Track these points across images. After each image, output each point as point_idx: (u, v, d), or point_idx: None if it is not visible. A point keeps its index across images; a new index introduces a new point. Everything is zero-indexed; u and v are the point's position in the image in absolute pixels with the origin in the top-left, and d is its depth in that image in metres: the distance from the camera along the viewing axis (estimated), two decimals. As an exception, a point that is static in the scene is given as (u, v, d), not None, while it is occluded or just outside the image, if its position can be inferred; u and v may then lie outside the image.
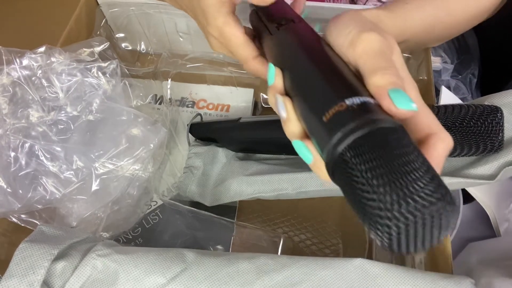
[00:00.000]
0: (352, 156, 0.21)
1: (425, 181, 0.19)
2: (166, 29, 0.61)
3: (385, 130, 0.21)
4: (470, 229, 0.58)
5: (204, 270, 0.35)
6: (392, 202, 0.18)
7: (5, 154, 0.42)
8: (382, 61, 0.25)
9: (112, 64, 0.47)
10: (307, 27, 0.33)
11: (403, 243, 0.19)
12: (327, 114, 0.23)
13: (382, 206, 0.18)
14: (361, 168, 0.20)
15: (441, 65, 0.66)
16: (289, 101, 0.28)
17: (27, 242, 0.34)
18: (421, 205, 0.18)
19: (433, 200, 0.18)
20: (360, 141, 0.21)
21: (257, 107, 0.60)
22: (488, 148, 0.36)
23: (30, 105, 0.43)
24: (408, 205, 0.18)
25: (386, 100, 0.23)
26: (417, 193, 0.18)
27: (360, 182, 0.20)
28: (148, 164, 0.47)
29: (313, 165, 0.27)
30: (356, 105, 0.22)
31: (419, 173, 0.19)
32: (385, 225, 0.18)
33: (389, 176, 0.19)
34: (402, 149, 0.20)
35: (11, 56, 0.44)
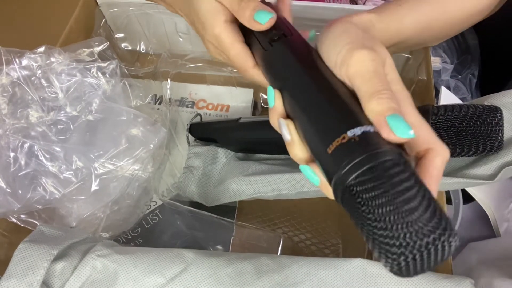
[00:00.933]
0: (359, 191, 0.22)
1: (429, 217, 0.21)
2: (165, 29, 0.61)
3: (387, 162, 0.22)
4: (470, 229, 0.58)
5: (203, 270, 0.35)
6: (400, 240, 0.20)
7: (5, 154, 0.42)
8: (377, 84, 0.25)
9: (112, 64, 0.47)
10: (302, 42, 0.32)
11: (411, 270, 0.21)
12: (331, 146, 0.24)
13: (391, 242, 0.20)
14: (369, 203, 0.22)
15: (441, 65, 0.66)
16: (292, 125, 0.28)
17: (26, 242, 0.34)
18: (426, 242, 0.20)
19: (436, 236, 0.20)
20: (365, 176, 0.22)
21: (257, 107, 0.60)
22: (487, 148, 0.36)
23: (30, 105, 0.43)
24: (415, 243, 0.20)
25: (385, 129, 0.24)
26: (422, 231, 0.20)
27: (369, 216, 0.22)
28: (147, 164, 0.47)
29: (321, 186, 0.27)
30: (358, 137, 0.23)
31: (421, 210, 0.21)
32: (395, 259, 0.20)
33: (395, 215, 0.21)
34: (405, 183, 0.21)
35: (11, 56, 0.44)
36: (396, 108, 0.24)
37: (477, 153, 0.37)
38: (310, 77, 0.29)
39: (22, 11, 0.65)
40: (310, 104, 0.27)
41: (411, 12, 0.36)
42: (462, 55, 0.70)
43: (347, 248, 0.49)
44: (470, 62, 0.69)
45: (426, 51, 0.51)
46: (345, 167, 0.23)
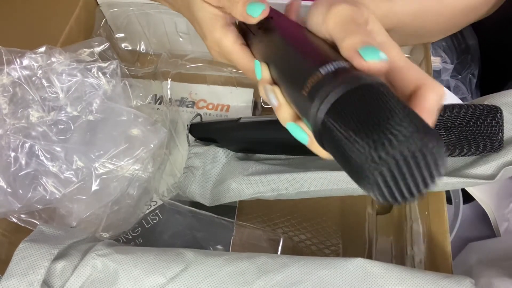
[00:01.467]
0: (333, 120, 0.21)
1: (398, 119, 0.18)
2: (166, 29, 0.61)
3: (360, 88, 0.21)
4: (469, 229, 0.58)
5: (204, 270, 0.35)
6: (370, 150, 0.18)
7: (5, 154, 0.42)
8: (352, 26, 0.26)
9: (112, 64, 0.47)
10: (286, 19, 0.33)
11: (394, 190, 0.18)
12: (306, 88, 0.23)
13: (364, 158, 0.18)
14: (343, 128, 0.20)
15: (441, 65, 0.66)
16: (277, 88, 0.29)
17: (27, 242, 0.34)
18: (396, 142, 0.17)
19: (407, 133, 0.17)
20: (338, 105, 0.21)
21: (257, 107, 0.60)
22: (487, 148, 0.36)
23: (30, 105, 0.44)
24: (384, 146, 0.17)
25: (356, 58, 0.23)
26: (390, 132, 0.18)
27: (344, 143, 0.20)
28: (148, 164, 0.47)
29: (309, 144, 0.27)
30: (330, 72, 0.23)
31: (394, 115, 0.18)
32: (371, 177, 0.18)
33: (366, 128, 0.18)
34: (379, 101, 0.20)
35: (11, 56, 0.44)
36: (368, 41, 0.24)
37: (477, 153, 0.38)
38: (290, 39, 0.29)
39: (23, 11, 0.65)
40: (287, 58, 0.28)
41: None
42: (462, 55, 0.70)
43: (347, 248, 0.49)
44: (470, 62, 0.69)
45: (426, 51, 0.51)
46: (318, 100, 0.22)
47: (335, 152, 0.22)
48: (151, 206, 0.51)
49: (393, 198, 0.19)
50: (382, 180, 0.18)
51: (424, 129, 0.18)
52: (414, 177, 0.18)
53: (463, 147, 0.37)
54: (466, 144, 0.37)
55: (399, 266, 0.35)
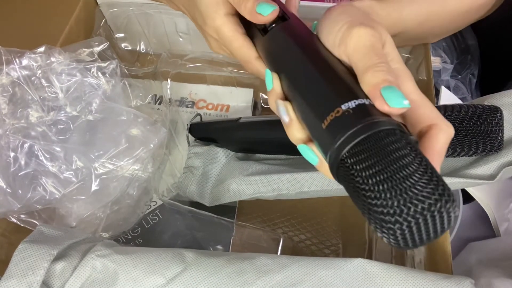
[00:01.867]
0: (353, 163, 0.21)
1: (423, 183, 0.19)
2: (165, 29, 0.61)
3: (381, 132, 0.21)
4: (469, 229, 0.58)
5: (203, 270, 0.35)
6: (394, 207, 0.19)
7: (5, 154, 0.42)
8: (374, 57, 0.25)
9: (112, 64, 0.47)
10: (300, 25, 0.32)
11: (408, 241, 0.20)
12: (325, 121, 0.24)
13: (385, 211, 0.19)
14: (362, 174, 0.21)
15: (441, 65, 0.66)
16: (290, 106, 0.28)
17: (26, 242, 0.34)
18: (421, 208, 0.19)
19: (432, 201, 0.19)
20: (358, 148, 0.21)
21: (257, 107, 0.60)
22: (487, 148, 0.36)
23: (30, 105, 0.43)
24: (409, 209, 0.19)
25: (379, 100, 0.23)
26: (416, 197, 0.19)
27: (363, 188, 0.21)
28: (147, 164, 0.47)
29: (319, 166, 0.27)
30: (352, 110, 0.23)
31: (417, 175, 0.20)
32: (390, 229, 0.19)
33: (389, 182, 0.20)
34: (400, 152, 0.21)
35: (11, 56, 0.44)
36: (391, 81, 0.24)
37: (477, 153, 0.37)
38: (305, 56, 0.28)
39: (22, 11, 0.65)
40: (305, 82, 0.27)
41: (412, 2, 0.36)
42: (461, 55, 0.70)
43: (347, 248, 0.49)
44: (469, 62, 0.69)
45: (426, 51, 0.51)
46: (339, 139, 0.22)
47: (350, 189, 0.22)
48: (151, 206, 0.51)
49: (405, 245, 0.20)
50: (401, 233, 0.19)
51: (443, 188, 0.19)
52: (428, 231, 0.20)
53: (463, 148, 0.37)
54: (466, 145, 0.37)
55: (399, 267, 0.35)
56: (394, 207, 0.19)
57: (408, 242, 0.20)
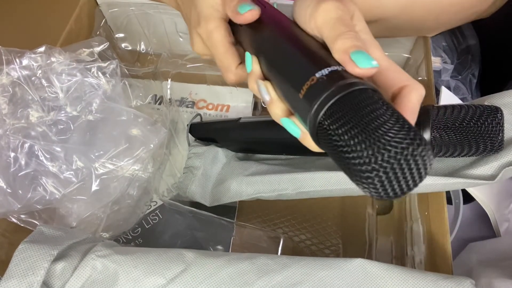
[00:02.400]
0: (329, 123, 0.23)
1: (395, 130, 0.20)
2: (166, 29, 0.61)
3: (354, 92, 0.23)
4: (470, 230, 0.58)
5: (204, 271, 0.35)
6: (368, 156, 0.20)
7: (5, 154, 0.42)
8: (341, 27, 0.27)
9: (112, 64, 0.47)
10: (273, 10, 0.34)
11: (388, 189, 0.21)
12: (302, 91, 0.25)
13: (362, 161, 0.20)
14: (339, 132, 0.22)
15: (441, 65, 0.66)
16: (269, 84, 0.30)
17: (26, 242, 0.34)
18: (394, 152, 0.20)
19: (404, 145, 0.20)
20: (333, 108, 0.23)
21: (257, 107, 0.60)
22: (488, 148, 0.36)
23: (30, 105, 0.43)
24: (383, 155, 0.20)
25: (349, 63, 0.25)
26: (388, 143, 0.20)
27: (340, 144, 0.22)
28: (148, 164, 0.47)
29: (302, 138, 0.28)
30: (325, 76, 0.24)
31: (389, 124, 0.21)
32: (368, 178, 0.20)
33: (362, 134, 0.21)
34: (371, 106, 0.22)
35: (11, 56, 0.44)
36: (359, 46, 0.25)
37: (477, 153, 0.37)
38: (280, 35, 0.30)
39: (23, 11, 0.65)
40: (281, 58, 0.29)
41: None
42: (462, 55, 0.69)
43: (347, 248, 0.49)
44: (470, 63, 0.69)
45: (426, 51, 0.51)
46: (315, 104, 0.24)
47: (331, 152, 0.24)
48: (151, 206, 0.51)
49: (386, 195, 0.21)
50: (379, 181, 0.20)
51: (414, 133, 0.20)
52: (406, 177, 0.20)
53: (463, 148, 0.37)
54: (467, 145, 0.37)
55: (399, 267, 0.35)
56: (369, 156, 0.20)
57: (388, 191, 0.21)
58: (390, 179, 0.20)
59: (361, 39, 0.26)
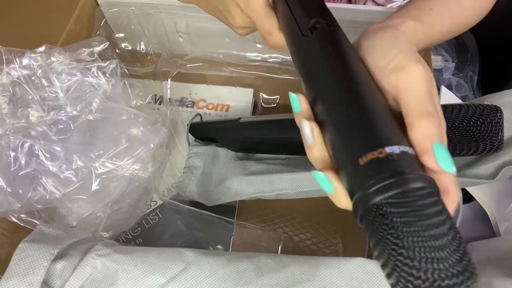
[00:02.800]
0: (390, 212, 0.21)
1: (455, 259, 0.20)
2: (166, 29, 0.61)
3: (422, 191, 0.21)
4: (469, 229, 0.58)
5: (204, 270, 0.35)
6: (425, 273, 0.20)
7: (5, 154, 0.42)
8: (430, 106, 0.24)
9: (112, 64, 0.47)
10: (344, 39, 0.29)
11: None
12: (364, 158, 0.22)
13: (415, 273, 0.20)
14: (399, 228, 0.21)
15: (442, 63, 0.66)
16: (317, 129, 0.26)
17: (26, 242, 0.34)
18: (450, 283, 0.19)
19: (458, 281, 0.20)
20: (399, 199, 0.21)
21: (257, 107, 0.60)
22: (487, 147, 0.36)
23: (30, 105, 0.43)
24: (436, 281, 0.19)
25: (429, 155, 0.22)
26: (446, 272, 0.20)
27: (395, 240, 0.21)
28: (148, 164, 0.47)
29: (333, 196, 0.25)
30: (396, 155, 0.22)
31: (450, 250, 0.20)
32: (408, 282, 0.20)
33: (424, 247, 0.20)
34: (438, 218, 0.21)
35: (11, 56, 0.44)
36: (444, 138, 0.23)
37: (477, 153, 0.37)
38: (351, 77, 0.26)
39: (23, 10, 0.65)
40: (348, 110, 0.25)
41: (439, 16, 0.35)
42: (461, 53, 0.70)
43: (347, 248, 0.49)
44: (469, 59, 0.69)
45: (426, 51, 0.51)
46: (377, 184, 0.21)
47: (374, 233, 0.22)
48: (151, 206, 0.51)
49: None
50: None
51: (471, 272, 0.20)
52: None
53: (463, 147, 0.37)
54: (466, 144, 0.37)
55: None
56: (424, 273, 0.20)
57: None
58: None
59: (444, 127, 0.23)
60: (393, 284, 0.21)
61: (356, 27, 0.44)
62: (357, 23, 0.51)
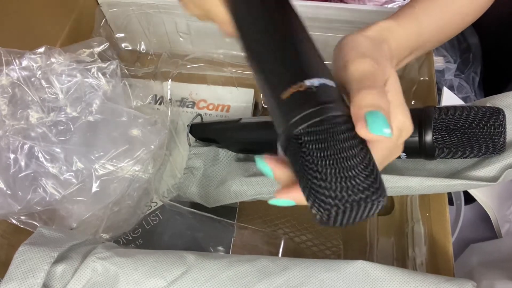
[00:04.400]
0: (307, 141, 0.23)
1: (363, 177, 0.22)
2: (166, 29, 0.61)
3: (338, 118, 0.23)
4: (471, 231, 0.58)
5: (204, 273, 0.34)
6: (336, 192, 0.22)
7: (5, 155, 0.42)
8: (369, 82, 0.25)
9: (112, 65, 0.46)
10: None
11: (337, 220, 0.22)
12: (286, 92, 0.24)
13: (328, 193, 0.22)
14: (314, 154, 0.22)
15: (444, 64, 0.66)
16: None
17: (26, 245, 0.34)
18: (358, 198, 0.22)
19: (368, 194, 0.22)
20: (315, 127, 0.23)
21: (258, 108, 0.60)
22: (490, 150, 0.36)
23: (30, 106, 0.43)
24: (349, 196, 0.22)
25: (360, 122, 0.23)
26: (357, 187, 0.22)
27: (310, 165, 0.22)
28: (148, 165, 0.47)
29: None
30: (315, 87, 0.24)
31: (360, 168, 0.22)
32: (327, 209, 0.22)
33: (336, 167, 0.22)
34: (350, 141, 0.23)
35: (11, 57, 0.44)
36: (380, 106, 0.24)
37: (479, 155, 0.37)
38: (281, 22, 0.28)
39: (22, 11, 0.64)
40: (272, 47, 0.27)
41: (426, 12, 0.36)
42: (463, 54, 0.69)
43: (348, 249, 0.49)
44: (472, 61, 0.69)
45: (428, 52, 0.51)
46: (297, 115, 0.23)
47: (295, 162, 0.24)
48: (151, 207, 0.51)
49: (333, 223, 0.23)
50: (335, 211, 0.22)
51: (379, 187, 0.22)
52: (357, 217, 0.22)
53: (465, 149, 0.37)
54: (468, 146, 0.36)
55: (401, 269, 0.35)
56: (337, 192, 0.22)
57: (336, 221, 0.22)
58: (345, 215, 0.22)
59: (387, 100, 0.25)
60: (310, 206, 0.23)
61: (353, 27, 0.44)
62: (356, 23, 0.51)
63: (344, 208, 0.22)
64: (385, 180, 0.23)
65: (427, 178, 0.38)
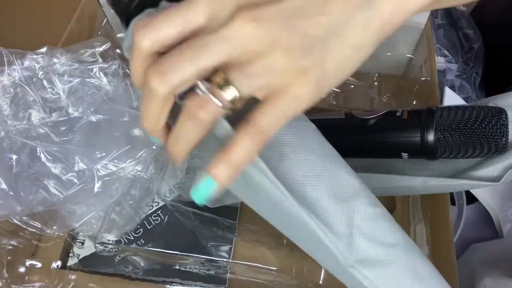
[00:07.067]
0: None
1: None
2: (167, 29, 0.61)
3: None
4: (473, 230, 0.58)
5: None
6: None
7: (7, 156, 0.42)
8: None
9: (114, 65, 0.46)
10: None
11: None
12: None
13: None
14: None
15: (445, 65, 0.65)
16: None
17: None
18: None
19: None
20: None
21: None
22: (492, 150, 0.36)
23: (32, 106, 0.43)
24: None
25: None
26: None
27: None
28: (150, 165, 0.47)
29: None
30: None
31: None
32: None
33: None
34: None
35: (12, 57, 0.44)
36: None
37: (481, 155, 0.37)
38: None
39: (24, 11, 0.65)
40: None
41: None
42: (466, 54, 0.69)
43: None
44: (473, 61, 0.69)
45: (430, 51, 0.51)
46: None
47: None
48: (153, 207, 0.51)
49: None
50: None
51: None
52: None
53: (467, 149, 0.37)
54: (471, 146, 0.36)
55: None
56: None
57: None
58: None
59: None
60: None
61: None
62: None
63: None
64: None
65: (430, 178, 0.38)
